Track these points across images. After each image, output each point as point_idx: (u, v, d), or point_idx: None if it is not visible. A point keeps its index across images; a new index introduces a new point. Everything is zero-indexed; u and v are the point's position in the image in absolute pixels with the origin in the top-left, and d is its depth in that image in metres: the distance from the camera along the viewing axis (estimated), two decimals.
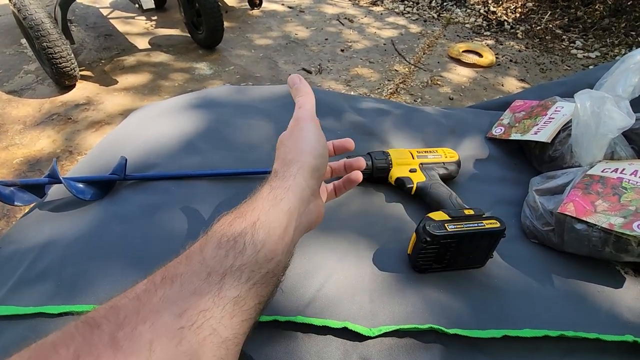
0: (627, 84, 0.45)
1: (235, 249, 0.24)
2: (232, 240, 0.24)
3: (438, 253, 0.40)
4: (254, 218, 0.26)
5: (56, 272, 0.37)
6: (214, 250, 0.24)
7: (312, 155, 0.31)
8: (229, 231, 0.25)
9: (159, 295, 0.21)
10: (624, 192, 0.41)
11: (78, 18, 2.21)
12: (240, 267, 0.23)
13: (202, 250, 0.24)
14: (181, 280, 0.22)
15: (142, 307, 0.20)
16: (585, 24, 2.58)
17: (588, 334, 0.35)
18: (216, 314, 0.22)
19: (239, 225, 0.25)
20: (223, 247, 0.24)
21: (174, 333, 0.20)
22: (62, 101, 1.56)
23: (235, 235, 0.24)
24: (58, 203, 0.47)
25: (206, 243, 0.25)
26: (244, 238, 0.24)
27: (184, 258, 0.24)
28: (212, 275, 0.23)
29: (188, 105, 0.63)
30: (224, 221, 0.26)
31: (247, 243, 0.24)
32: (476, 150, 0.62)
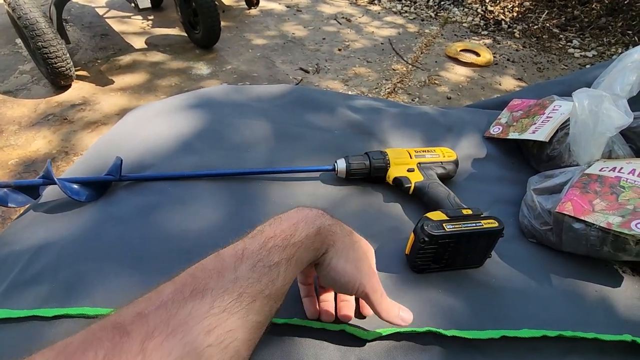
0: (625, 83, 0.45)
1: (270, 277, 0.25)
2: (267, 268, 0.25)
3: (436, 253, 0.39)
4: (292, 252, 0.26)
5: (51, 275, 0.37)
6: (248, 271, 0.24)
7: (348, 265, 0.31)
8: (267, 258, 0.25)
9: (188, 308, 0.21)
10: (622, 191, 0.41)
11: (74, 18, 2.20)
12: (269, 296, 0.24)
13: (236, 268, 0.24)
14: (212, 296, 0.22)
15: (171, 319, 0.20)
16: (582, 23, 2.58)
17: (586, 333, 0.34)
18: (241, 336, 0.22)
19: (277, 255, 0.26)
20: (257, 272, 0.24)
21: (202, 350, 0.20)
22: (57, 101, 1.55)
23: (271, 265, 0.25)
24: (53, 204, 0.47)
25: (242, 261, 0.25)
26: (279, 269, 0.25)
27: (216, 273, 0.24)
28: (243, 296, 0.23)
29: (185, 105, 0.63)
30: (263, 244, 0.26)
31: (280, 275, 0.25)
32: (474, 149, 0.62)
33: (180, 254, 0.40)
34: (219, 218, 0.45)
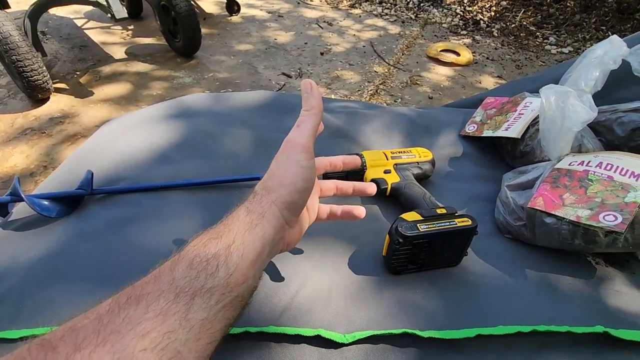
0: (589, 78, 0.46)
1: (208, 270, 0.24)
2: (205, 262, 0.24)
3: (412, 253, 0.40)
4: (229, 241, 0.26)
5: (17, 295, 0.36)
6: (185, 270, 0.23)
7: (289, 190, 0.29)
8: (203, 252, 0.24)
9: (122, 316, 0.21)
10: (590, 184, 0.42)
11: (51, 30, 2.16)
12: (211, 289, 0.23)
13: (172, 270, 0.23)
14: (147, 301, 0.21)
15: (102, 328, 0.20)
16: (558, 21, 2.65)
17: (559, 327, 0.35)
18: (181, 336, 0.21)
19: (213, 246, 0.25)
20: (195, 268, 0.23)
21: (135, 355, 0.19)
22: (35, 115, 1.52)
23: (208, 257, 0.24)
24: (23, 222, 0.45)
25: (178, 262, 0.24)
26: (218, 260, 0.24)
27: (153, 278, 0.23)
28: (180, 295, 0.22)
29: (161, 115, 0.62)
30: (198, 241, 0.26)
31: (220, 265, 0.24)
32: (450, 148, 0.62)
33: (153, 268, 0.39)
34: (194, 229, 0.44)
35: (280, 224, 0.29)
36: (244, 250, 0.26)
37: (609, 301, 0.40)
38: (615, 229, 0.37)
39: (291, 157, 0.30)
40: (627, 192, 0.40)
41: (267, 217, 0.28)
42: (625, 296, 0.41)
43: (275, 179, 0.30)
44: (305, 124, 0.31)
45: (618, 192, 0.40)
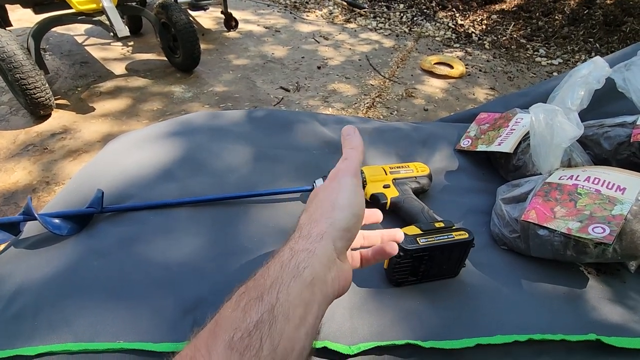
0: (575, 97, 0.48)
1: (250, 351, 0.19)
2: (247, 337, 0.20)
3: (412, 266, 0.41)
4: (272, 300, 0.21)
5: (32, 312, 0.37)
6: (224, 352, 0.19)
7: (346, 211, 0.27)
8: (243, 322, 0.20)
9: None
10: (579, 197, 0.44)
11: (52, 46, 2.19)
12: None
13: (209, 351, 0.20)
14: None
15: None
16: (547, 33, 2.73)
17: (554, 335, 0.36)
18: None
19: (255, 312, 0.21)
20: (236, 350, 0.19)
21: None
22: (37, 131, 1.54)
23: (250, 330, 0.20)
24: (34, 240, 0.47)
25: (215, 340, 0.20)
26: (261, 332, 0.20)
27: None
28: None
29: (163, 133, 0.64)
30: (236, 304, 0.22)
31: (264, 339, 0.20)
32: (446, 162, 0.65)
33: (163, 283, 0.41)
34: (202, 244, 0.46)
35: (331, 260, 0.25)
36: (289, 307, 0.21)
37: (601, 310, 0.42)
38: (604, 241, 0.39)
39: (343, 181, 0.28)
40: (614, 205, 0.42)
41: (317, 254, 0.24)
42: (616, 304, 0.43)
43: (327, 204, 0.27)
44: (352, 157, 0.31)
45: (605, 205, 0.42)
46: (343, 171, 0.29)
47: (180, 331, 0.36)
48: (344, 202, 0.27)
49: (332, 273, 0.25)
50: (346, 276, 0.27)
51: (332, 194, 0.28)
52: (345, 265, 0.27)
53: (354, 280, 0.44)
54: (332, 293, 0.25)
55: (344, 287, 0.27)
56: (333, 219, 0.26)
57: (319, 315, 0.24)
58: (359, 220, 0.28)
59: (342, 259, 0.27)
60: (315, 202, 0.28)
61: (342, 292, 0.27)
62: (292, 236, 0.26)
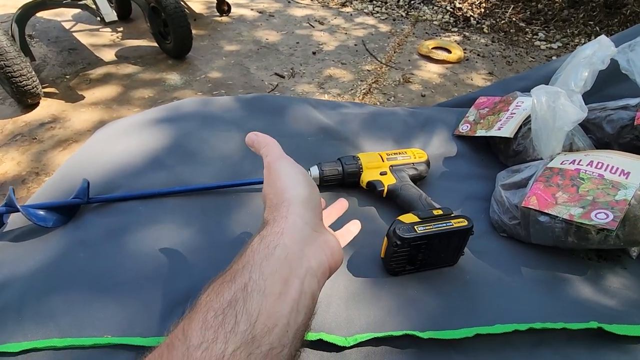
0: (579, 78, 0.47)
1: (225, 327, 0.19)
2: (221, 315, 0.20)
3: (410, 255, 0.40)
4: (245, 279, 0.21)
5: (16, 307, 0.36)
6: (199, 333, 0.19)
7: (297, 187, 0.28)
8: (217, 302, 0.20)
9: None
10: (582, 182, 0.43)
11: (39, 33, 2.13)
12: (235, 352, 0.18)
13: (185, 334, 0.19)
14: None
15: None
16: (546, 16, 2.68)
17: (555, 324, 0.36)
18: None
19: (227, 291, 0.21)
20: (210, 327, 0.19)
21: None
22: (25, 121, 1.50)
23: (223, 307, 0.20)
24: (18, 232, 0.45)
25: (190, 322, 0.20)
26: (235, 308, 0.20)
27: (166, 348, 0.19)
28: None
29: (152, 120, 0.62)
30: (210, 289, 0.22)
31: (238, 314, 0.20)
32: (444, 148, 0.63)
33: (152, 275, 0.39)
34: (192, 235, 0.45)
35: (305, 234, 0.25)
36: (264, 283, 0.21)
37: (602, 297, 0.41)
38: (607, 227, 0.38)
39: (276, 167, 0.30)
40: (618, 190, 0.40)
41: (286, 232, 0.24)
42: (617, 291, 0.42)
43: (277, 191, 0.28)
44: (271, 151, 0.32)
45: (609, 190, 0.41)
46: (272, 161, 0.30)
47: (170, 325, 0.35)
48: (289, 180, 0.28)
49: (310, 247, 0.25)
50: (332, 247, 0.27)
51: (276, 181, 0.29)
52: (326, 237, 0.27)
53: (350, 270, 0.42)
54: (318, 267, 0.25)
55: (333, 258, 0.27)
56: (289, 198, 0.27)
57: (306, 290, 0.23)
58: (313, 188, 0.29)
59: (319, 231, 0.27)
60: (268, 196, 0.29)
61: (334, 263, 0.27)
62: (259, 228, 0.26)
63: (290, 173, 0.29)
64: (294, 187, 0.28)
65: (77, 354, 0.32)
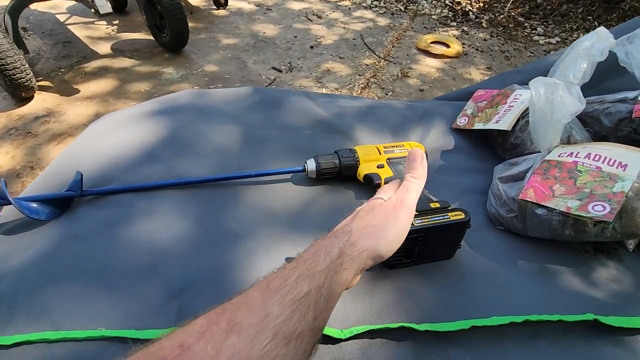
0: (577, 70, 0.46)
1: (300, 312, 0.23)
2: (298, 301, 0.24)
3: (407, 248, 0.40)
4: (320, 281, 0.25)
5: (9, 300, 0.35)
6: (279, 307, 0.23)
7: (389, 246, 0.31)
8: (295, 289, 0.24)
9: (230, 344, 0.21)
10: (579, 175, 0.43)
11: (33, 26, 2.10)
12: (301, 335, 0.23)
13: (265, 303, 0.23)
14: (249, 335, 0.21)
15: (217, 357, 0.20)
16: (545, 11, 2.67)
17: (551, 316, 0.36)
18: None
19: (306, 285, 0.24)
20: (288, 306, 0.23)
21: None
22: (19, 114, 1.48)
23: (300, 297, 0.24)
24: (12, 225, 0.44)
25: (270, 295, 0.24)
26: (309, 301, 0.24)
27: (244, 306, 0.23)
28: (277, 337, 0.22)
29: (149, 112, 0.61)
30: (288, 273, 0.25)
31: (310, 308, 0.24)
32: (442, 141, 0.63)
33: (147, 268, 0.39)
34: (187, 228, 0.44)
35: (360, 272, 0.30)
36: (329, 295, 0.25)
37: (598, 289, 0.41)
38: (604, 219, 0.38)
39: (401, 217, 0.32)
40: (615, 182, 0.40)
41: (355, 263, 0.28)
42: (613, 284, 0.42)
43: (379, 230, 0.30)
44: (415, 189, 0.33)
45: (606, 182, 0.41)
46: (405, 206, 0.32)
47: (165, 317, 0.35)
48: (392, 237, 0.31)
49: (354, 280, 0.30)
50: None
51: (388, 222, 0.31)
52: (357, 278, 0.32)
53: None
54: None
55: None
56: (377, 244, 0.30)
57: None
58: (393, 252, 0.32)
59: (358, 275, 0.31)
60: (369, 218, 0.31)
61: None
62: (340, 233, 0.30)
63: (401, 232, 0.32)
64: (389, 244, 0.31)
65: (70, 347, 0.32)
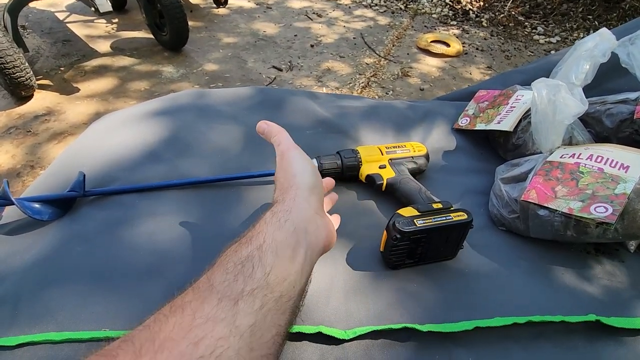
0: (580, 71, 0.46)
1: (244, 273, 0.23)
2: (240, 265, 0.24)
3: (409, 248, 0.40)
4: (260, 241, 0.26)
5: (12, 301, 0.35)
6: (222, 275, 0.23)
7: (305, 175, 0.32)
8: (235, 257, 0.24)
9: (171, 323, 0.20)
10: (581, 176, 0.43)
11: (32, 24, 2.09)
12: (252, 292, 0.23)
13: (209, 278, 0.23)
14: (192, 308, 0.21)
15: (155, 336, 0.20)
16: (546, 10, 2.67)
17: (553, 317, 0.36)
18: (234, 344, 0.20)
19: (245, 250, 0.25)
20: (231, 272, 0.23)
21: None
22: (19, 113, 1.48)
23: (242, 260, 0.24)
24: (14, 225, 0.44)
25: (213, 271, 0.24)
26: (252, 261, 0.24)
27: (191, 289, 0.23)
28: (223, 300, 0.22)
29: (149, 112, 0.61)
30: (229, 250, 0.26)
31: (255, 265, 0.24)
32: (444, 142, 0.63)
33: (150, 268, 0.39)
34: (190, 228, 0.44)
35: (309, 214, 0.30)
36: (277, 247, 0.25)
37: (600, 290, 0.41)
38: (606, 220, 0.38)
39: (289, 156, 0.34)
40: (617, 184, 0.40)
41: (294, 211, 0.29)
42: (615, 285, 0.42)
43: (288, 177, 0.32)
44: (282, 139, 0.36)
45: (608, 183, 0.41)
46: (285, 150, 0.34)
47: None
48: (299, 168, 0.33)
49: (312, 225, 0.29)
50: (328, 229, 0.32)
51: (288, 167, 0.33)
52: (324, 220, 0.32)
53: (349, 264, 0.42)
54: (316, 244, 0.30)
55: (328, 239, 0.32)
56: (297, 183, 0.31)
57: (307, 261, 0.28)
58: (318, 177, 0.33)
59: (319, 214, 0.31)
60: (279, 180, 0.33)
61: (328, 244, 0.32)
62: (271, 205, 0.31)
63: (300, 162, 0.33)
64: (302, 175, 0.32)
65: (74, 347, 0.32)
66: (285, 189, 0.31)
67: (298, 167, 0.33)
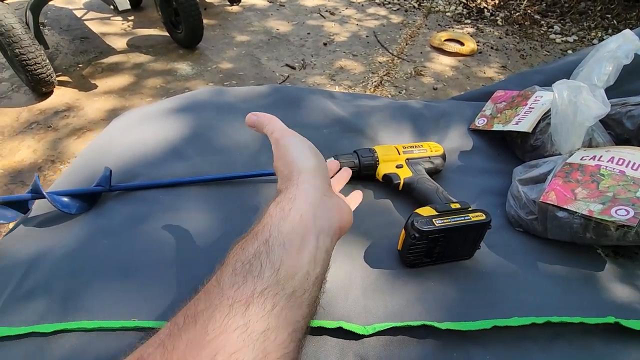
0: (602, 73, 0.46)
1: (253, 273, 0.22)
2: (248, 264, 0.23)
3: (427, 248, 0.40)
4: (266, 235, 0.25)
5: (46, 290, 0.37)
6: (230, 278, 0.22)
7: (304, 158, 0.31)
8: (243, 255, 0.24)
9: (184, 340, 0.20)
10: (602, 179, 0.43)
11: (51, 21, 2.14)
12: (263, 292, 0.22)
13: (219, 281, 0.23)
14: (204, 319, 0.20)
15: (169, 356, 0.19)
16: (563, 9, 2.62)
17: (572, 318, 0.36)
18: (247, 355, 0.19)
19: (251, 246, 0.24)
20: (239, 273, 0.23)
21: None
22: (40, 109, 1.52)
23: (250, 258, 0.23)
24: (43, 218, 0.46)
25: (222, 273, 0.23)
26: (260, 258, 0.23)
27: (203, 294, 0.23)
28: (234, 307, 0.21)
29: (170, 109, 0.63)
30: (236, 247, 0.25)
31: (263, 263, 0.23)
32: (460, 142, 0.63)
33: (174, 262, 0.40)
34: (211, 224, 0.46)
35: (316, 198, 0.28)
36: (283, 239, 0.24)
37: (618, 292, 0.41)
38: (627, 223, 0.38)
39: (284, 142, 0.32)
40: (639, 187, 0.40)
41: (298, 197, 0.27)
42: (634, 287, 0.42)
43: (287, 163, 0.31)
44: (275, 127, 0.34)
45: (630, 186, 0.41)
46: (279, 136, 0.33)
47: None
48: (297, 152, 0.31)
49: (321, 209, 0.28)
50: (341, 209, 0.30)
51: (285, 154, 0.31)
52: (335, 200, 0.30)
53: (367, 262, 0.43)
54: (329, 226, 0.28)
55: (342, 219, 0.30)
56: (298, 168, 0.30)
57: (320, 246, 0.26)
58: (319, 157, 0.32)
59: (327, 195, 0.30)
60: (279, 169, 0.32)
61: (344, 225, 0.30)
62: (274, 197, 0.29)
63: (297, 145, 0.32)
64: (301, 158, 0.31)
65: (104, 336, 0.34)
66: (287, 176, 0.30)
67: (295, 151, 0.31)
